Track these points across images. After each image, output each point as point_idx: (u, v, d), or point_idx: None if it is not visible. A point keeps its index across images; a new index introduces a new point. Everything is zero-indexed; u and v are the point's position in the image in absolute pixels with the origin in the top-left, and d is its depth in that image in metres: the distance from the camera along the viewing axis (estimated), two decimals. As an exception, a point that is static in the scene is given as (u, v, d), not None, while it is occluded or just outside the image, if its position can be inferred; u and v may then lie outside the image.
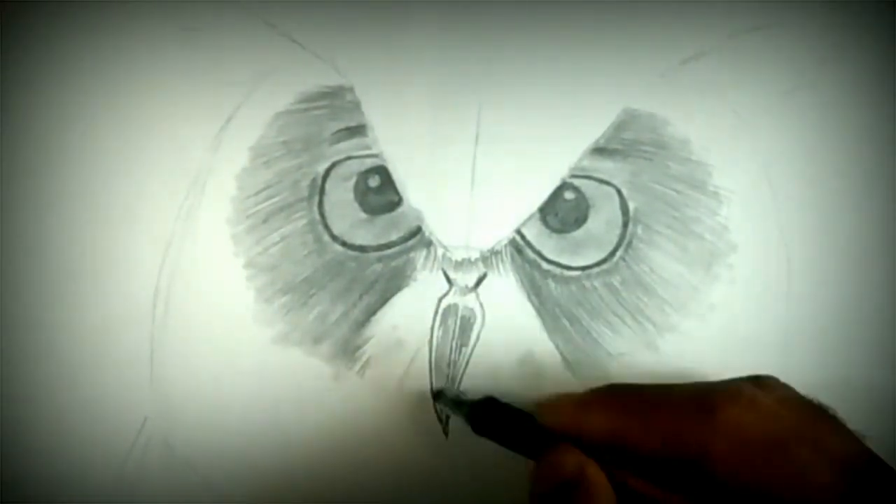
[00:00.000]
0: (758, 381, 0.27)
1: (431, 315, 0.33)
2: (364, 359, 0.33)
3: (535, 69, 0.33)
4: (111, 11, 0.32)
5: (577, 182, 0.33)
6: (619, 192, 0.33)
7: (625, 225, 0.33)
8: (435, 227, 0.33)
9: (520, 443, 0.29)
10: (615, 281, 0.33)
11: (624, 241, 0.33)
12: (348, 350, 0.33)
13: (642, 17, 0.33)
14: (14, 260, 0.32)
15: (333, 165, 0.33)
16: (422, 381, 0.33)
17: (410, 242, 0.33)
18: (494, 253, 0.33)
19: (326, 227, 0.33)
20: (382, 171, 0.33)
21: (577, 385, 0.32)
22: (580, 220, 0.33)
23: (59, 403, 0.32)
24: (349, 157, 0.33)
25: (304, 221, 0.33)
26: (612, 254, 0.33)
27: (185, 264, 0.33)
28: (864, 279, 0.33)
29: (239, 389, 0.33)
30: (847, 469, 0.24)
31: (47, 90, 0.32)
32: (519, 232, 0.33)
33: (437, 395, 0.32)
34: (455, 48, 0.33)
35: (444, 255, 0.33)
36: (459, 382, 0.33)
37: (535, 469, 0.27)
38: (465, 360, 0.33)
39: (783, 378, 0.27)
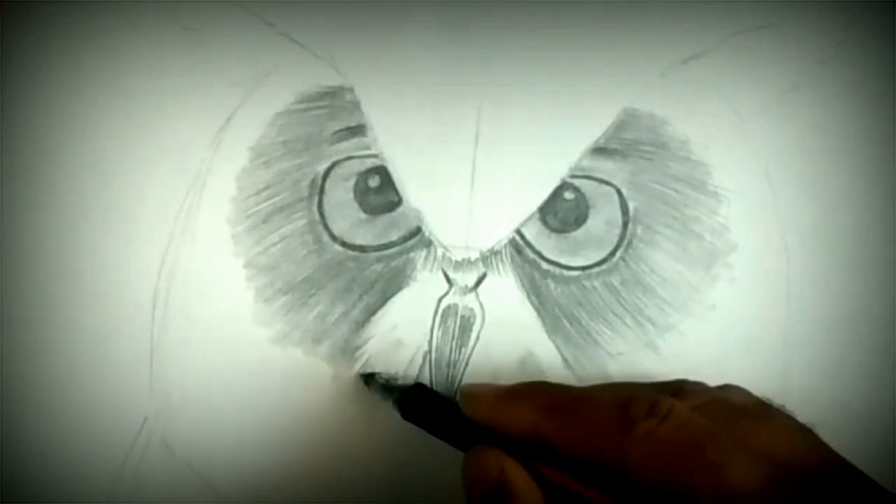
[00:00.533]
0: (680, 389, 0.28)
1: (431, 315, 0.33)
2: (364, 359, 0.33)
3: (535, 69, 0.33)
4: (111, 11, 0.32)
5: (576, 182, 0.33)
6: (619, 191, 0.33)
7: (625, 225, 0.33)
8: (435, 227, 0.33)
9: (445, 432, 0.29)
10: (615, 281, 0.33)
11: (624, 240, 0.33)
12: (348, 350, 0.33)
13: (642, 16, 0.33)
14: (14, 260, 0.32)
15: (333, 165, 0.33)
16: (422, 381, 0.33)
17: (410, 242, 0.33)
18: (494, 253, 0.33)
19: (326, 227, 0.33)
20: (382, 171, 0.33)
21: (576, 384, 0.32)
22: (580, 220, 0.33)
23: (59, 403, 0.32)
24: (349, 157, 0.33)
25: (303, 221, 0.33)
26: (612, 254, 0.33)
27: (184, 264, 0.33)
28: (864, 279, 0.33)
29: (238, 390, 0.33)
30: (775, 464, 0.23)
31: (47, 90, 0.32)
32: (519, 232, 0.33)
33: (368, 378, 0.32)
34: (454, 48, 0.33)
35: (443, 255, 0.33)
36: (459, 382, 0.33)
37: (463, 467, 0.27)
38: (465, 360, 0.33)
39: (783, 377, 0.27)
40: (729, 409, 0.27)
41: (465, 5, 0.33)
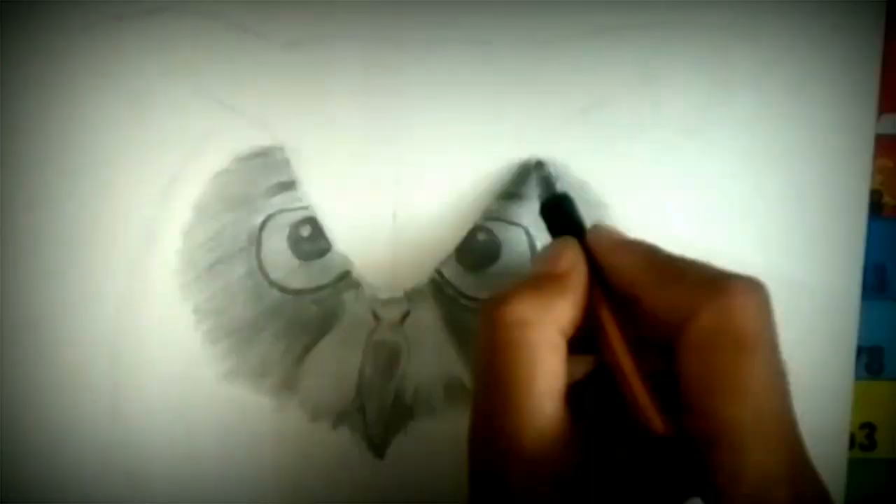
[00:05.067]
0: None
1: (362, 350, 0.36)
2: (303, 392, 0.37)
3: (449, 124, 0.36)
4: (61, 77, 0.35)
5: (488, 224, 0.36)
6: (526, 231, 0.36)
7: (534, 260, 0.37)
8: (362, 269, 0.36)
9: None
10: (527, 312, 0.37)
11: (533, 275, 0.36)
12: (289, 384, 0.36)
13: (543, 69, 0.36)
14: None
15: (268, 218, 0.36)
16: (356, 408, 0.36)
17: (341, 284, 0.36)
18: (417, 291, 0.36)
19: (265, 274, 0.36)
20: (313, 222, 0.36)
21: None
22: (493, 258, 0.37)
23: (24, 450, 0.36)
24: (282, 210, 0.36)
25: (244, 269, 0.36)
26: (524, 287, 0.36)
27: (137, 312, 0.36)
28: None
29: (192, 423, 0.36)
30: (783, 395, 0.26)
31: (7, 164, 0.36)
32: (438, 271, 0.36)
33: (538, 165, 0.35)
34: (375, 104, 0.36)
35: (372, 295, 0.36)
36: (389, 408, 0.37)
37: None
38: (394, 388, 0.37)
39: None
40: None
41: (385, 64, 0.36)
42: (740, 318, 0.26)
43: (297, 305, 0.36)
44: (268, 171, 0.36)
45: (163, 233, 0.36)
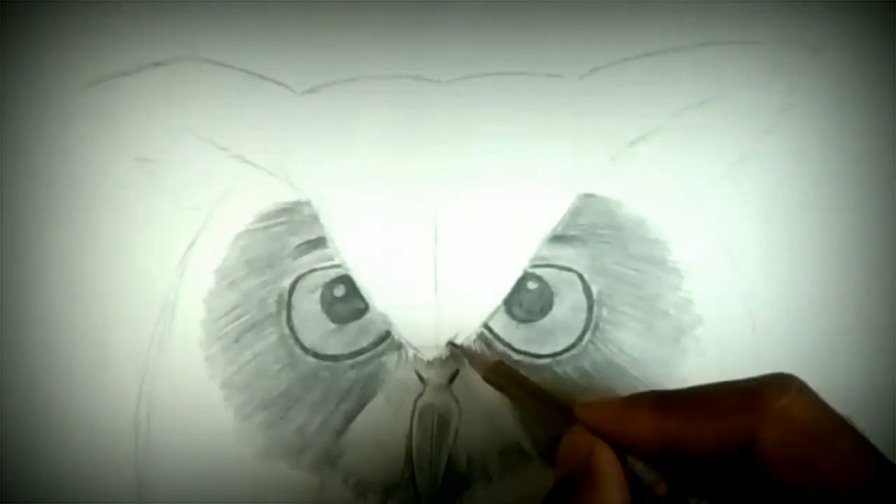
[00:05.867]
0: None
1: (408, 416, 0.33)
2: (347, 466, 0.33)
3: (487, 165, 0.33)
4: (65, 136, 0.33)
5: (538, 271, 0.33)
6: (580, 276, 0.33)
7: (590, 308, 0.34)
8: (403, 329, 0.33)
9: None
10: (586, 364, 0.33)
11: (591, 324, 0.33)
12: (330, 458, 0.33)
13: (587, 104, 0.33)
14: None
15: (298, 279, 0.33)
16: (405, 481, 0.33)
17: (381, 347, 0.33)
18: (465, 349, 0.33)
19: (297, 340, 0.33)
20: (347, 280, 0.33)
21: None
22: (545, 308, 0.33)
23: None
24: (313, 270, 0.33)
25: (275, 337, 0.33)
26: (581, 338, 0.33)
27: (162, 390, 0.33)
28: (830, 341, 0.34)
29: (227, 507, 0.33)
30: (883, 463, 0.23)
31: (13, 230, 0.33)
32: (486, 325, 0.33)
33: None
34: (405, 152, 0.33)
35: (415, 356, 0.33)
36: (442, 478, 0.33)
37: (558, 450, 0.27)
38: (446, 455, 0.33)
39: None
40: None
41: (413, 104, 0.33)
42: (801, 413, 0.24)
43: (335, 373, 0.33)
44: (294, 228, 0.33)
45: (184, 302, 0.33)
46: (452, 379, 0.33)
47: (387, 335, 0.33)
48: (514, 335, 0.33)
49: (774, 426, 0.24)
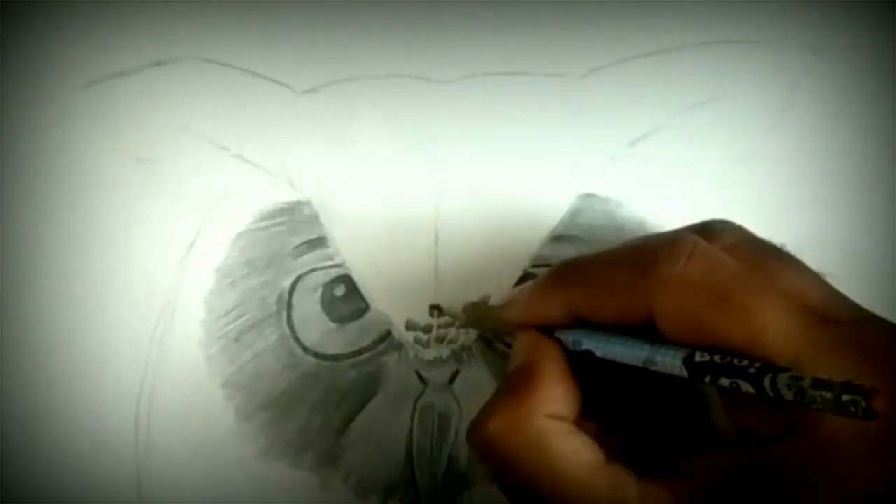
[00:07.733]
0: (705, 228, 0.26)
1: (409, 416, 0.33)
2: (347, 466, 0.33)
3: (488, 165, 0.33)
4: (65, 137, 0.33)
5: (538, 271, 0.33)
6: (581, 276, 0.33)
7: (590, 308, 0.33)
8: (404, 329, 0.33)
9: None
10: (586, 364, 0.33)
11: (590, 324, 0.33)
12: (331, 458, 0.33)
13: (587, 103, 0.33)
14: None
15: (298, 279, 0.33)
16: (406, 480, 0.33)
17: (381, 347, 0.33)
18: (465, 349, 0.33)
19: (298, 340, 0.33)
20: (347, 280, 0.33)
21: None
22: (546, 308, 0.33)
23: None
24: (313, 270, 0.33)
25: (275, 337, 0.33)
26: (581, 338, 0.33)
27: (162, 390, 0.33)
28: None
29: (228, 505, 0.33)
30: (803, 307, 0.22)
31: (12, 230, 0.33)
32: (487, 325, 0.33)
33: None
34: (407, 151, 0.33)
35: (415, 356, 0.33)
36: (442, 478, 0.33)
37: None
38: (447, 455, 0.33)
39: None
40: (757, 247, 0.25)
41: (414, 104, 0.33)
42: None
43: (335, 372, 0.33)
44: (295, 228, 0.33)
45: (184, 302, 0.33)
46: (453, 379, 0.33)
47: (387, 335, 0.33)
48: (515, 335, 0.33)
49: (669, 295, 0.23)
